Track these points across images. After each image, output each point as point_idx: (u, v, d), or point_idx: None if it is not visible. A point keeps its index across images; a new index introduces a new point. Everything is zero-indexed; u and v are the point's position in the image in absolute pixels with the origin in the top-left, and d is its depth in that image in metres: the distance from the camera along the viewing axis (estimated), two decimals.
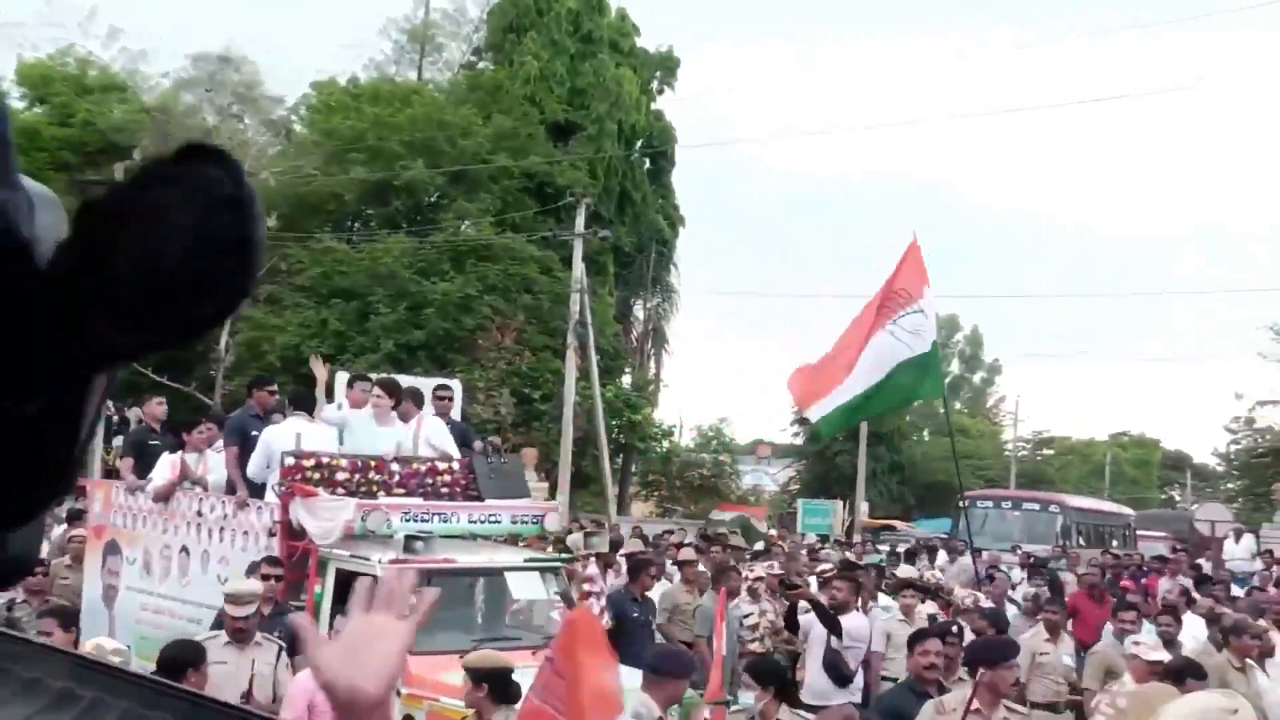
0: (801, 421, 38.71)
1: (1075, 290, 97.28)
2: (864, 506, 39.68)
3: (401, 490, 9.80)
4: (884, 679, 10.57)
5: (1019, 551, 21.93)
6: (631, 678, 7.81)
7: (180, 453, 10.72)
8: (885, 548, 24.48)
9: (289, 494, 9.29)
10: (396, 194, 34.97)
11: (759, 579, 12.59)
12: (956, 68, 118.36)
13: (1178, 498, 67.37)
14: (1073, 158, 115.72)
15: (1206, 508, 31.27)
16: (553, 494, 29.03)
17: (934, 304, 13.10)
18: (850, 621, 10.14)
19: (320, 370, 11.45)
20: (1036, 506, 29.21)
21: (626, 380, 39.17)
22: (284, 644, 7.52)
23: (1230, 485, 36.54)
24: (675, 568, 13.26)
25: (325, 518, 9.05)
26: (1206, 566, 20.05)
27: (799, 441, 48.29)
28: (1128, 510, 34.18)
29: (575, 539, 12.66)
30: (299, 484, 9.28)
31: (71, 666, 1.94)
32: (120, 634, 9.50)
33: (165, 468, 10.58)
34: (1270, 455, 31.68)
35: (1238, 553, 22.26)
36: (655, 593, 12.50)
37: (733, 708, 9.30)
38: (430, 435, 10.73)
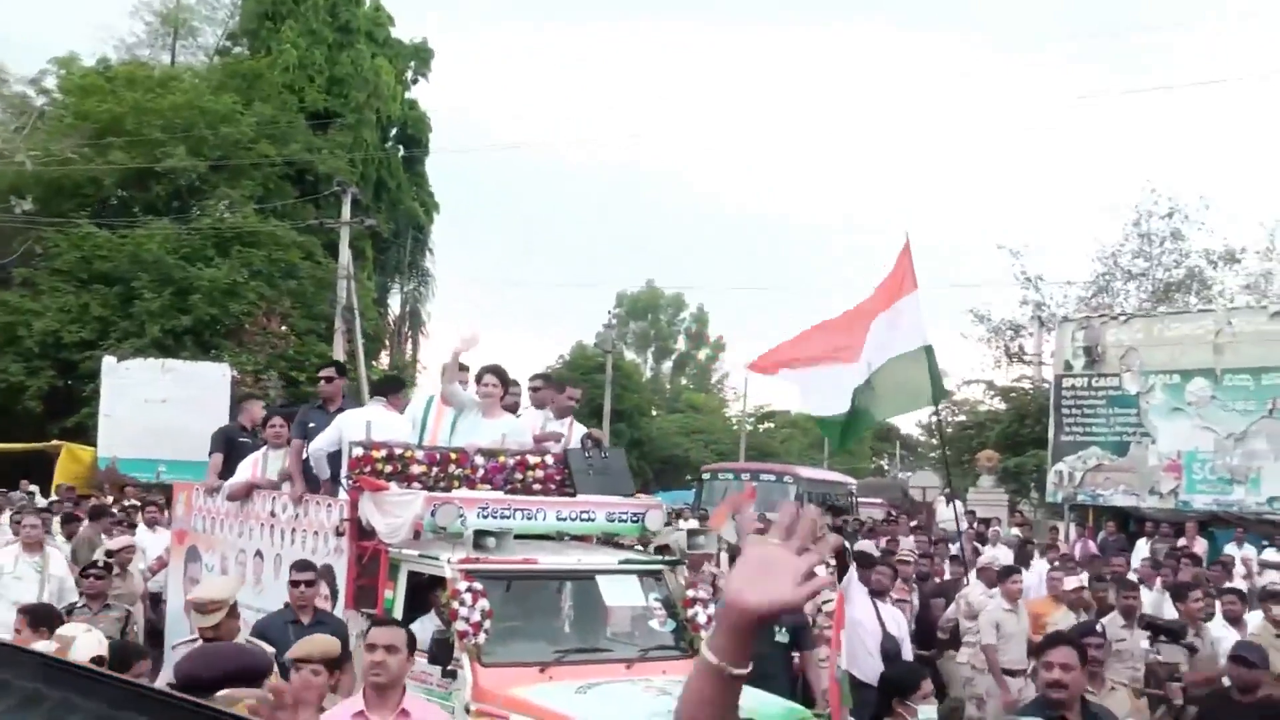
0: None
1: (796, 278, 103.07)
2: None
3: (487, 486, 8.81)
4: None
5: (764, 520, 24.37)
6: (765, 705, 7.38)
7: (264, 450, 10.11)
8: None
9: (357, 489, 8.43)
10: (158, 180, 35.01)
11: None
12: (684, 61, 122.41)
13: (886, 466, 72.58)
14: (802, 152, 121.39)
15: (919, 475, 34.51)
16: None
17: (918, 304, 12.56)
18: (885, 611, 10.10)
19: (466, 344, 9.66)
20: (772, 477, 31.95)
21: (385, 362, 40.35)
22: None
23: (933, 455, 40.20)
24: None
25: (393, 514, 8.23)
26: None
27: None
28: (850, 479, 37.51)
29: (677, 538, 11.15)
30: (367, 477, 8.39)
31: (41, 668, 1.97)
32: None
33: (246, 467, 10.07)
34: (973, 428, 35.21)
35: (948, 515, 25.15)
36: None
37: None
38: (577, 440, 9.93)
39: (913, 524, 23.25)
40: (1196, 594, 10.90)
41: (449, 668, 7.45)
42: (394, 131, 42.83)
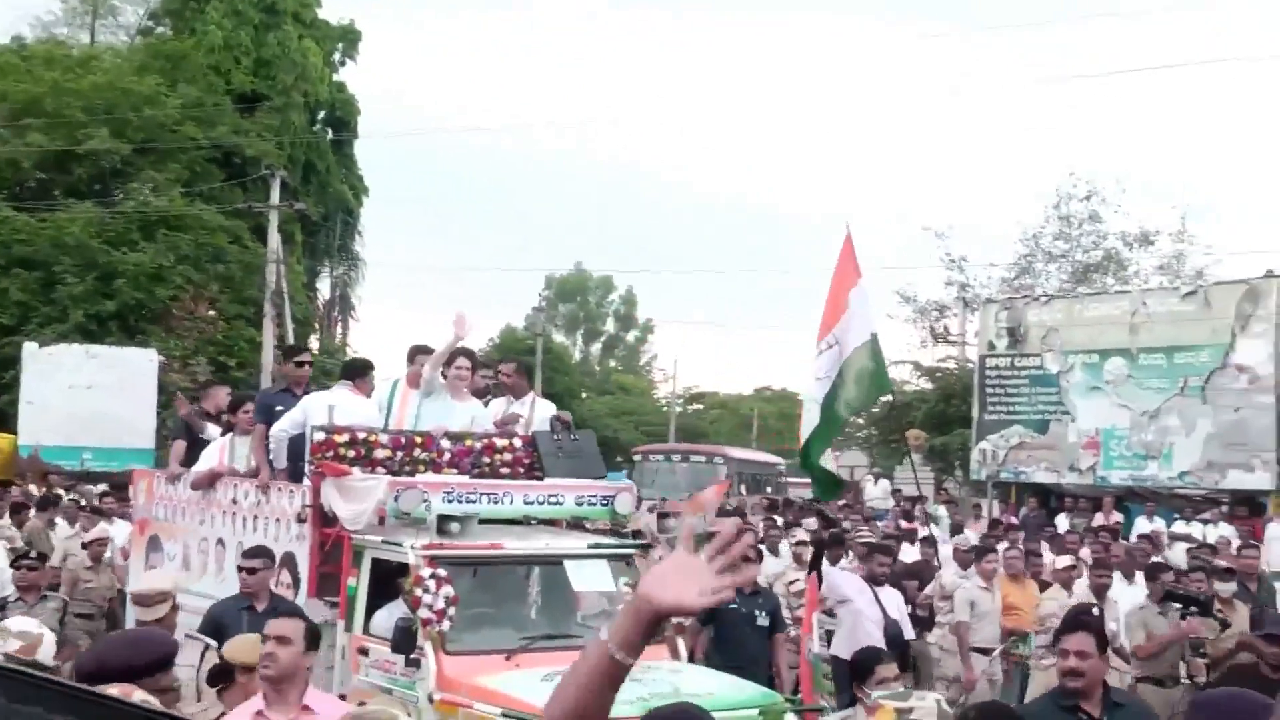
0: None
1: (726, 260, 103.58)
2: None
3: (453, 470, 8.63)
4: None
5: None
6: (728, 689, 7.46)
7: (230, 436, 9.82)
8: None
9: (319, 474, 8.24)
10: (79, 162, 34.50)
11: None
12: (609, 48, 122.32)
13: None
14: (731, 135, 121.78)
15: (847, 454, 35.09)
16: None
17: (866, 295, 12.25)
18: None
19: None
20: (703, 459, 32.28)
21: (315, 346, 40.14)
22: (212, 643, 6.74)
23: (860, 434, 40.73)
24: None
25: (356, 499, 8.05)
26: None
27: None
28: (778, 459, 37.94)
29: (648, 521, 10.77)
30: (329, 462, 8.22)
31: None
32: None
33: (212, 454, 9.78)
34: (901, 407, 35.69)
35: (876, 494, 25.44)
36: None
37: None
38: (544, 420, 9.68)
39: (840, 503, 23.61)
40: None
41: (412, 656, 7.33)
42: (322, 114, 42.50)
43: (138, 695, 3.71)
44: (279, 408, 9.39)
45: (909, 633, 10.04)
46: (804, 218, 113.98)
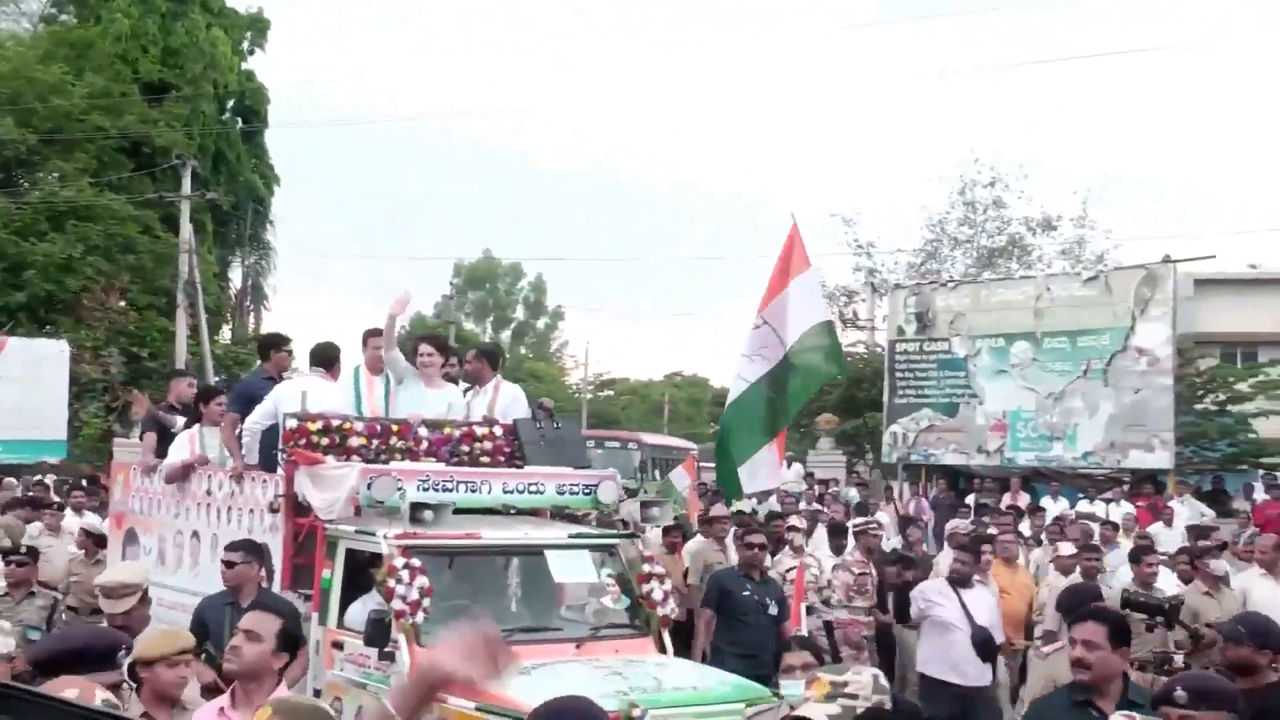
0: None
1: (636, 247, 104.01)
2: None
3: (432, 459, 8.43)
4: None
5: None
6: (711, 682, 7.32)
7: (197, 427, 9.54)
8: None
9: (292, 463, 8.09)
10: None
11: None
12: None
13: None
14: (641, 121, 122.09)
15: None
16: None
17: (813, 282, 12.18)
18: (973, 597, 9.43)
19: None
20: (618, 444, 32.58)
21: (227, 336, 39.89)
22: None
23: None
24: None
25: (328, 488, 7.85)
26: None
27: None
28: (691, 444, 38.37)
29: (630, 509, 10.67)
30: (301, 450, 8.04)
31: None
32: None
33: (182, 446, 9.47)
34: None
35: (789, 477, 25.93)
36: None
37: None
38: (509, 405, 9.35)
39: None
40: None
41: (386, 649, 7.13)
42: (231, 103, 42.19)
43: (100, 696, 3.62)
44: (262, 395, 9.12)
45: (999, 636, 9.53)
46: (715, 204, 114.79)
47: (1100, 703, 4.95)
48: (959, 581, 9.41)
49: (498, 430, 8.79)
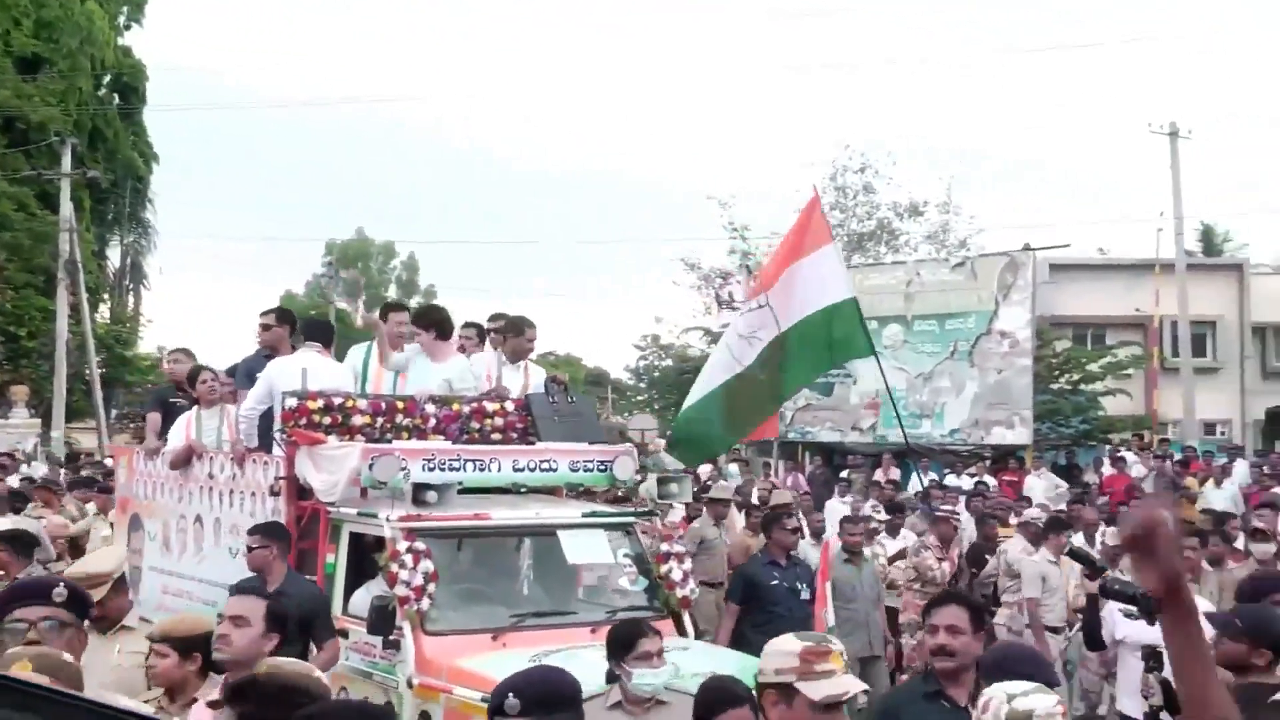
0: None
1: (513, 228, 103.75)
2: None
3: (440, 437, 7.99)
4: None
5: None
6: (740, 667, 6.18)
7: (195, 409, 9.13)
8: None
9: (293, 444, 7.69)
10: None
11: None
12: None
13: (599, 410, 74.44)
14: (523, 101, 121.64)
15: (639, 418, 36.10)
16: (46, 429, 29.79)
17: (832, 258, 11.14)
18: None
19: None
20: None
21: (106, 315, 39.43)
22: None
23: (641, 398, 41.49)
24: None
25: (329, 469, 7.45)
26: None
27: None
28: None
29: (648, 486, 10.07)
30: (302, 430, 7.63)
31: None
32: None
33: (179, 429, 9.17)
34: (690, 373, 36.94)
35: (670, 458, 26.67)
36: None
37: None
38: (539, 389, 8.71)
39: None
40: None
41: (391, 637, 6.78)
42: (109, 79, 41.48)
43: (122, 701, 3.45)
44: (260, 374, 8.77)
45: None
46: (589, 185, 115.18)
47: (952, 691, 4.72)
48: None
49: (509, 406, 8.38)
